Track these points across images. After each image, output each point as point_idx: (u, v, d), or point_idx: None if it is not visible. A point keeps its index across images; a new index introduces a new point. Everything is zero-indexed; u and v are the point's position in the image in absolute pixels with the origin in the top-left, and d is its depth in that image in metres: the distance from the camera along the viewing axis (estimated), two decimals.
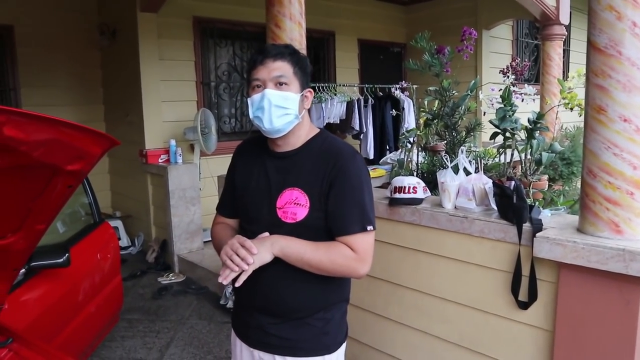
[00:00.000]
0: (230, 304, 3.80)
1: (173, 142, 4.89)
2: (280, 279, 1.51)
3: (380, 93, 5.99)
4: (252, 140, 1.72)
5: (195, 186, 4.88)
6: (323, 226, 1.49)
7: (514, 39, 7.30)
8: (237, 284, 1.41)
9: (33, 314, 2.18)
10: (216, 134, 5.08)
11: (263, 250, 1.42)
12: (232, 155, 1.74)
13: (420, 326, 2.57)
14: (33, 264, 2.12)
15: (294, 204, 1.49)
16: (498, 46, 6.96)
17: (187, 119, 5.23)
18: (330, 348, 1.57)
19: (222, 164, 5.37)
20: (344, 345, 1.63)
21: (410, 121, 5.98)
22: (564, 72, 6.67)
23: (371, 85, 5.91)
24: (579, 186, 4.04)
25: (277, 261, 1.46)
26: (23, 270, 2.09)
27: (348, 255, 1.46)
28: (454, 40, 3.27)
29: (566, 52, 7.63)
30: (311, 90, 1.57)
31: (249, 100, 1.52)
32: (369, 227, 1.48)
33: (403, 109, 5.93)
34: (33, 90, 5.19)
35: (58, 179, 1.27)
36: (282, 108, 1.47)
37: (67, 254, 2.20)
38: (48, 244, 2.49)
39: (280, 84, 1.47)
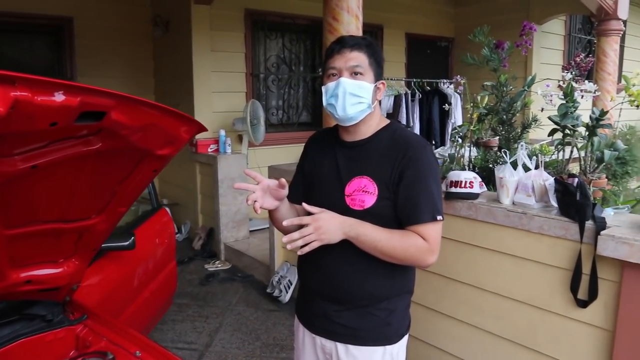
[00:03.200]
0: (277, 293, 3.88)
1: (223, 132, 4.99)
2: (346, 267, 1.55)
3: (428, 87, 5.94)
4: (324, 131, 1.78)
5: (244, 176, 4.96)
6: (390, 214, 1.51)
7: (566, 35, 7.09)
8: (299, 252, 1.43)
9: (99, 294, 2.28)
10: (264, 125, 5.16)
11: (334, 228, 1.43)
12: (279, 145, 1.76)
13: (472, 321, 2.57)
14: (102, 245, 2.21)
15: (363, 192, 1.52)
16: (550, 42, 6.79)
17: (236, 110, 5.32)
18: (392, 339, 1.59)
19: (269, 154, 5.47)
20: (406, 337, 1.65)
21: (457, 116, 5.92)
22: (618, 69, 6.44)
23: (419, 80, 5.87)
24: (632, 186, 3.93)
25: (344, 248, 1.48)
26: None
27: (420, 245, 1.47)
28: (504, 35, 3.21)
29: (621, 49, 7.38)
30: (384, 82, 1.60)
31: (323, 88, 1.56)
32: (439, 217, 1.50)
33: (450, 104, 5.87)
34: (89, 80, 5.37)
35: (145, 163, 1.34)
36: (356, 96, 1.50)
37: (132, 237, 2.29)
38: None
39: (356, 73, 1.50)
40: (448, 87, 5.90)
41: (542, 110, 2.93)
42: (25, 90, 0.84)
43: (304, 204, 1.50)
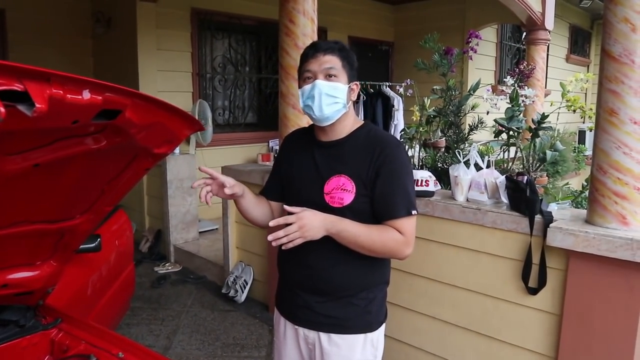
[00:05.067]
0: (232, 293, 3.88)
1: None
2: (328, 261, 1.62)
3: (371, 90, 6.12)
4: (300, 130, 1.85)
5: (193, 177, 4.91)
6: (368, 210, 1.60)
7: (498, 42, 7.54)
8: (284, 247, 1.51)
9: (65, 298, 2.21)
10: (212, 126, 5.12)
11: (317, 226, 1.51)
12: (227, 146, 1.81)
13: (429, 312, 2.72)
14: None
15: (341, 190, 1.59)
16: (483, 48, 7.16)
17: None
18: (373, 326, 1.69)
19: (217, 155, 5.44)
20: (384, 325, 1.75)
21: (399, 118, 6.14)
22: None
23: (362, 82, 6.03)
24: (560, 184, 4.27)
25: (325, 242, 1.56)
26: None
27: (397, 238, 1.57)
28: (442, 41, 3.37)
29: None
30: (357, 83, 1.68)
31: (299, 91, 1.63)
32: (414, 212, 1.60)
33: (393, 106, 6.09)
34: None
35: (138, 162, 1.35)
36: (331, 97, 1.57)
37: (99, 239, 2.24)
38: None
39: (330, 75, 1.58)
40: (399, 88, 6.11)
41: (488, 113, 3.14)
42: (58, 87, 0.85)
43: (285, 206, 1.57)
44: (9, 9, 5.01)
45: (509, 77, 2.93)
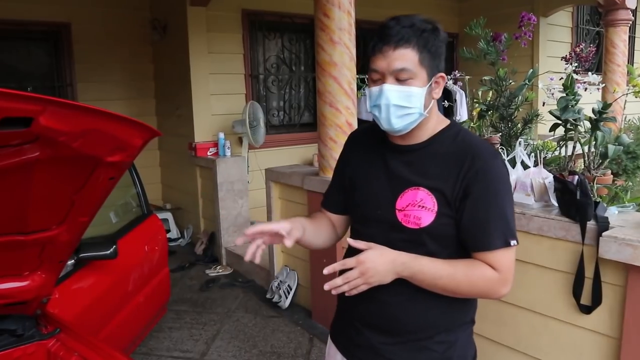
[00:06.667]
0: (276, 298, 3.78)
1: (222, 135, 4.91)
2: (399, 295, 1.32)
3: None
4: (367, 129, 1.52)
5: (244, 179, 4.88)
6: (450, 234, 1.29)
7: (573, 26, 6.91)
8: (347, 294, 1.23)
9: (81, 305, 2.21)
10: (264, 127, 5.07)
11: (384, 270, 1.23)
12: (281, 147, 1.65)
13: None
14: (81, 255, 2.14)
15: (419, 207, 1.28)
16: (556, 34, 6.61)
17: (236, 112, 5.24)
18: None
19: (270, 157, 5.39)
20: None
21: (462, 113, 5.78)
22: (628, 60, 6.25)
23: None
24: None
25: None
26: (72, 261, 2.13)
27: (490, 276, 1.26)
28: (510, 29, 3.08)
29: (630, 39, 7.16)
30: (443, 75, 1.30)
31: (367, 90, 1.35)
32: (513, 242, 1.28)
33: (455, 100, 5.74)
34: (88, 85, 5.34)
35: (100, 171, 1.25)
36: (403, 107, 1.25)
37: (114, 246, 2.21)
38: (98, 235, 2.54)
39: (402, 78, 1.24)
40: (452, 83, 5.76)
41: (544, 104, 2.81)
42: None
43: (348, 239, 1.29)
44: (74, 23, 5.25)
45: (566, 62, 2.59)
